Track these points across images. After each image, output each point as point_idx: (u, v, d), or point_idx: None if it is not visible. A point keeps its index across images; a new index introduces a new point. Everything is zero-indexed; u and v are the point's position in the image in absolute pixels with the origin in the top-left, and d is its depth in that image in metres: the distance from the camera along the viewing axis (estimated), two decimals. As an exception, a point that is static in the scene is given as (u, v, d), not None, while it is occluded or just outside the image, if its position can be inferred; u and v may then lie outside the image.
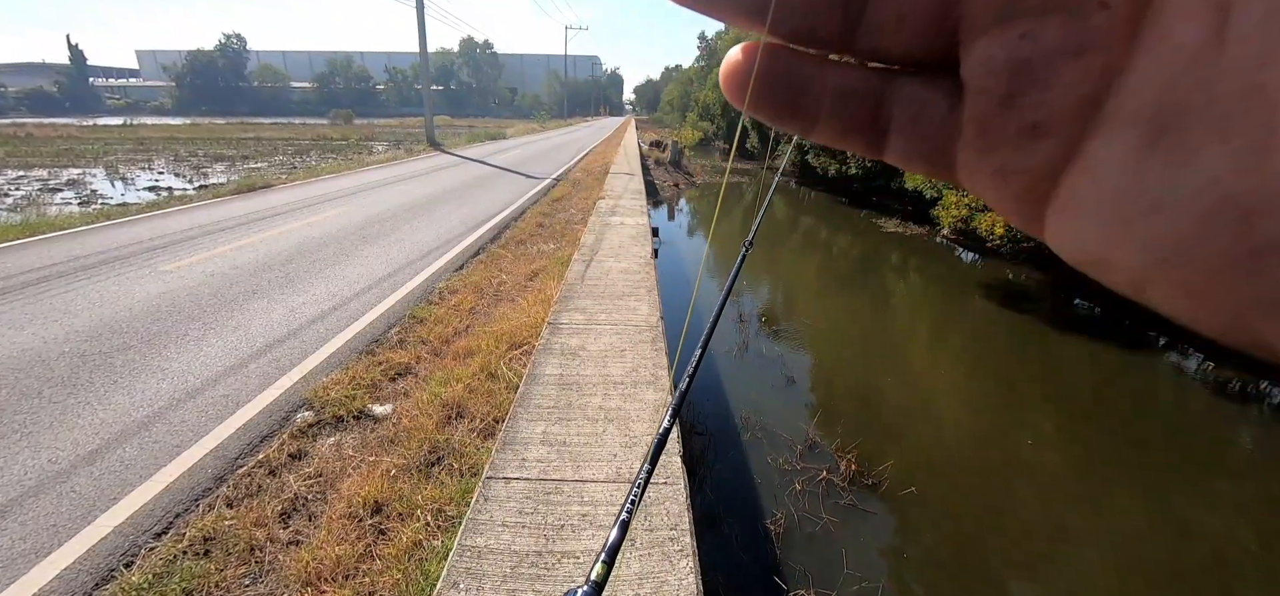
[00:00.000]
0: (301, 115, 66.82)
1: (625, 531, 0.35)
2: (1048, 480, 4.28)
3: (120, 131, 31.75)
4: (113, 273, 5.72)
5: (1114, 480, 4.29)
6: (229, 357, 4.05)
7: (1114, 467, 4.45)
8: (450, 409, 3.42)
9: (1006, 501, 4.02)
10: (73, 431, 3.12)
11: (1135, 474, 4.36)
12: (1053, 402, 5.49)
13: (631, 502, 0.36)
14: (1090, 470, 4.43)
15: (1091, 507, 3.95)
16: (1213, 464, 4.52)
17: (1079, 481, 4.29)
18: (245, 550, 2.42)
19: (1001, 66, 0.15)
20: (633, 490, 0.37)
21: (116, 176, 15.42)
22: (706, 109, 38.92)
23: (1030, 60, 0.14)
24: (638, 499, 0.36)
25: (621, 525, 0.35)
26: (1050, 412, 5.29)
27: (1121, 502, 4.00)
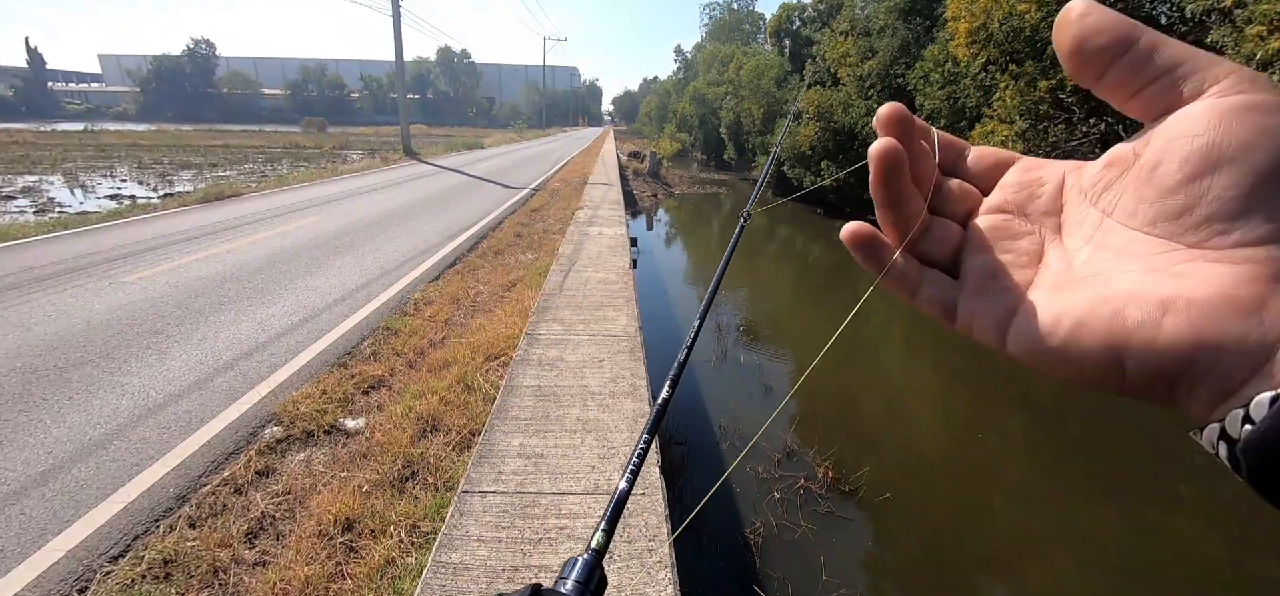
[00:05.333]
0: (273, 123, 65.41)
1: (625, 500, 0.36)
2: (1021, 483, 4.39)
3: (80, 137, 30.58)
4: (70, 284, 5.49)
5: (1086, 482, 4.42)
6: (193, 372, 3.92)
7: (1086, 469, 4.59)
8: (425, 422, 3.36)
9: (981, 504, 4.11)
10: (24, 451, 2.97)
11: (1107, 475, 4.50)
12: (1025, 406, 5.64)
13: (632, 470, 0.37)
14: (1063, 472, 4.56)
15: (1064, 509, 4.05)
16: (1183, 465, 4.68)
17: (1052, 483, 4.41)
18: (208, 572, 2.33)
19: (981, 270, 0.30)
20: (632, 458, 0.38)
21: (76, 184, 14.84)
22: (684, 120, 39.30)
23: (997, 270, 0.30)
24: (638, 466, 0.37)
25: (621, 493, 0.36)
26: (1023, 416, 5.44)
27: (1093, 504, 4.12)
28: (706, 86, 34.73)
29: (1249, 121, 0.23)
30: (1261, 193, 0.22)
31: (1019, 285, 0.28)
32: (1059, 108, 7.84)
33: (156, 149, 25.47)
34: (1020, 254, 0.29)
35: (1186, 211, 0.24)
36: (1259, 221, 0.22)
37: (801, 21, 21.04)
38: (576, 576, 0.32)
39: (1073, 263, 0.27)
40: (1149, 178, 0.25)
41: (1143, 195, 0.25)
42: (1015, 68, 8.08)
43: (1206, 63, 0.24)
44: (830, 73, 15.29)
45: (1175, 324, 0.22)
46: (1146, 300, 0.23)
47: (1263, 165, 0.22)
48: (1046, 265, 0.28)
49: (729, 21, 50.55)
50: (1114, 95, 0.26)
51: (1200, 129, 0.23)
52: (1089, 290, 0.25)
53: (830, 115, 14.72)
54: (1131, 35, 0.25)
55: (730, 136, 28.11)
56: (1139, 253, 0.25)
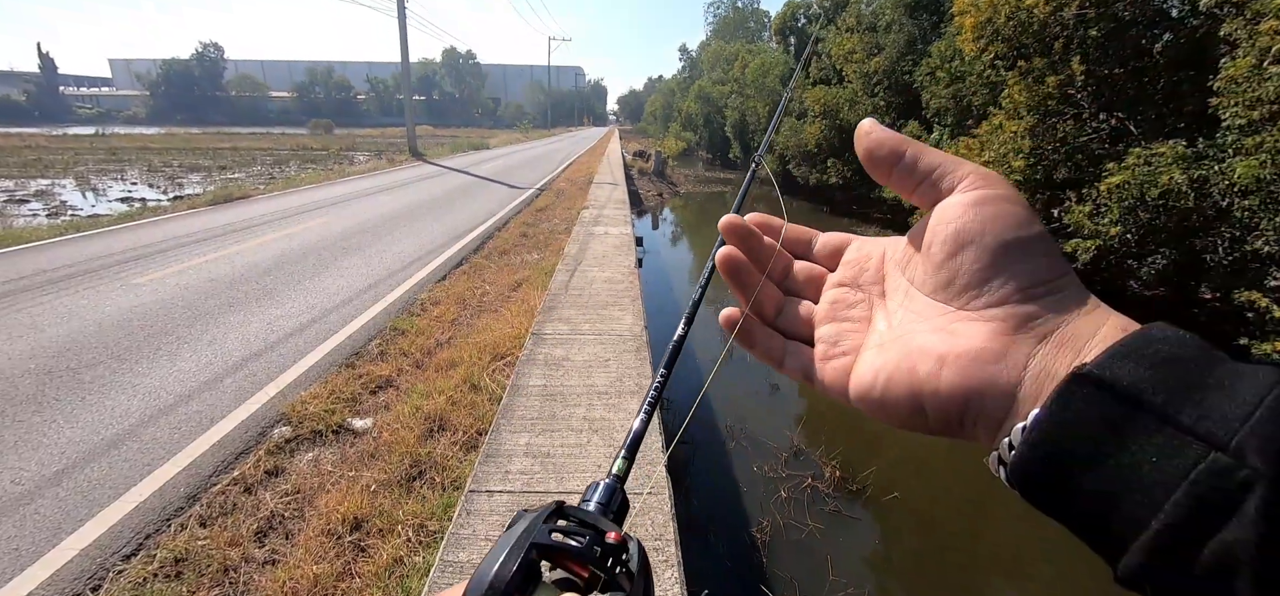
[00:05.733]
0: (280, 125, 65.83)
1: (646, 427, 0.38)
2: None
3: (92, 141, 30.95)
4: (82, 286, 5.56)
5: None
6: (203, 373, 3.96)
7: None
8: (432, 422, 3.38)
9: (990, 503, 4.08)
10: (38, 450, 3.01)
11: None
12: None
13: (651, 399, 0.38)
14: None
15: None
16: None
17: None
18: (219, 571, 2.36)
19: (826, 338, 0.36)
20: (651, 388, 0.39)
21: (87, 187, 15.02)
22: (689, 119, 39.24)
23: (837, 337, 0.35)
24: (658, 394, 0.39)
25: (643, 420, 0.38)
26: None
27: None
28: (711, 85, 34.66)
29: (983, 211, 0.29)
30: (996, 264, 0.28)
31: (854, 348, 0.34)
32: (1068, 103, 7.76)
33: (166, 152, 25.73)
34: (855, 321, 0.35)
35: (952, 282, 0.30)
36: (997, 286, 0.28)
37: (807, 18, 20.95)
38: (599, 497, 0.34)
39: (891, 323, 0.33)
40: (927, 256, 0.31)
41: (925, 269, 0.32)
42: (1023, 63, 8.00)
43: (954, 166, 0.31)
44: (835, 70, 15.20)
45: (950, 375, 0.28)
46: (930, 356, 0.29)
47: (994, 244, 0.29)
48: (874, 327, 0.34)
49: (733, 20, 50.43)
50: (901, 191, 0.33)
51: (951, 217, 0.30)
52: (897, 348, 0.31)
53: (836, 113, 14.65)
54: (901, 149, 0.32)
55: (735, 135, 28.04)
56: (929, 314, 0.31)
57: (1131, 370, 0.23)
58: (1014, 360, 0.26)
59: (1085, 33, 7.23)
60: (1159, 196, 5.96)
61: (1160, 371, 0.22)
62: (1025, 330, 0.27)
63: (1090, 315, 0.27)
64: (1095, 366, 0.23)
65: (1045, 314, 0.27)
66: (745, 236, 0.38)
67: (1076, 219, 6.93)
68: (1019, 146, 7.85)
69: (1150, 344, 0.23)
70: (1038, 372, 0.26)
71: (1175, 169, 5.84)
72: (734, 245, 0.38)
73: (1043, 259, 0.28)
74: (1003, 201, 0.29)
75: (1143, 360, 0.23)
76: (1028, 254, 0.28)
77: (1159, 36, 7.26)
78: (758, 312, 0.38)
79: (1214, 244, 5.94)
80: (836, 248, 0.39)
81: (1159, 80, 7.21)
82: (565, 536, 0.30)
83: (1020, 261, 0.28)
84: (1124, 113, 7.40)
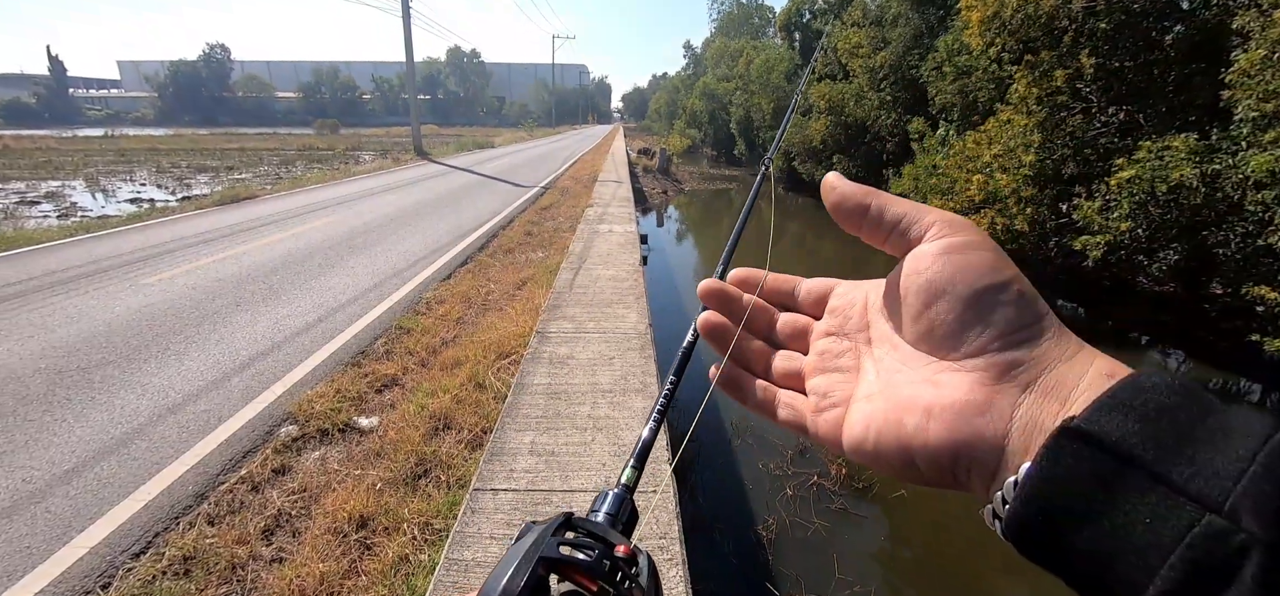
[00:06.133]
0: (287, 125, 66.17)
1: (655, 436, 0.37)
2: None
3: (101, 143, 31.24)
4: (92, 286, 5.61)
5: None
6: (211, 372, 3.98)
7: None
8: (437, 420, 3.39)
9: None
10: (48, 449, 3.04)
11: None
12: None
13: (660, 408, 0.38)
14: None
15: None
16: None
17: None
18: (226, 568, 2.37)
19: (817, 390, 0.35)
20: (660, 397, 0.39)
21: (97, 188, 15.17)
22: (694, 116, 39.15)
23: (828, 389, 0.34)
24: (666, 403, 0.39)
25: (651, 429, 0.37)
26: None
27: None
28: (716, 82, 34.56)
29: (952, 260, 0.29)
30: (971, 313, 0.28)
31: (845, 399, 0.33)
32: (1077, 97, 7.68)
33: (174, 153, 25.94)
34: (844, 371, 0.35)
35: (931, 332, 0.30)
36: (975, 336, 0.28)
37: (812, 14, 20.82)
38: (608, 507, 0.33)
39: (878, 371, 0.33)
40: (905, 306, 0.31)
41: (904, 319, 0.31)
42: (1030, 56, 7.92)
43: (919, 214, 0.31)
44: (841, 65, 15.12)
45: (937, 428, 0.27)
46: (917, 408, 0.28)
47: (966, 293, 0.28)
48: (863, 375, 0.34)
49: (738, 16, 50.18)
50: (871, 240, 0.33)
51: (922, 268, 0.30)
52: (884, 400, 0.31)
53: (842, 109, 14.57)
54: (866, 201, 0.33)
55: (740, 132, 27.95)
56: (914, 362, 0.31)
57: (1120, 423, 0.22)
58: (1000, 411, 0.26)
59: (1094, 25, 7.15)
60: (1170, 191, 5.90)
61: (1150, 425, 0.22)
62: (1008, 379, 0.27)
63: (1073, 361, 0.26)
64: (1083, 420, 0.23)
65: (1027, 361, 0.27)
66: (724, 299, 0.39)
67: (1086, 214, 6.86)
68: (1028, 140, 7.78)
69: (1139, 394, 0.23)
70: (1025, 424, 0.25)
71: (1187, 164, 5.77)
72: (715, 308, 0.38)
73: (1018, 304, 0.28)
74: (971, 249, 0.29)
75: (1132, 412, 0.22)
76: (1002, 301, 0.28)
77: (1170, 28, 7.16)
78: (748, 368, 0.38)
79: (1226, 238, 5.86)
80: (820, 295, 0.39)
81: (1170, 73, 7.11)
82: (574, 549, 0.29)
83: (995, 309, 0.28)
84: (1134, 106, 7.32)
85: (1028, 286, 0.29)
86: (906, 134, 11.77)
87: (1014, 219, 7.98)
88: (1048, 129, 7.74)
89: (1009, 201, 8.01)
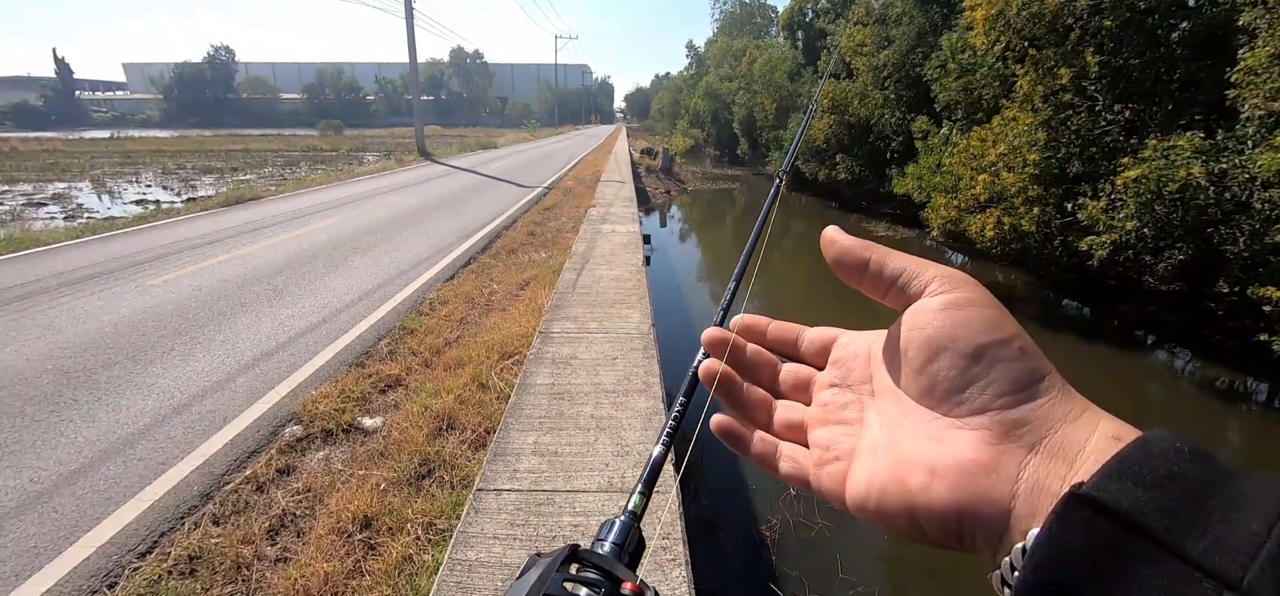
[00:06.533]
0: (291, 126, 66.38)
1: (661, 465, 0.37)
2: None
3: (107, 144, 31.41)
4: (98, 288, 5.64)
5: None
6: (216, 372, 4.00)
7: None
8: (441, 420, 3.39)
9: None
10: (55, 450, 3.06)
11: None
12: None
13: (669, 432, 0.38)
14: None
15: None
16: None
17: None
18: (231, 568, 2.38)
19: (820, 444, 0.34)
20: (669, 420, 0.38)
21: (103, 190, 15.27)
22: (697, 116, 39.14)
23: (830, 442, 0.34)
24: (675, 427, 0.38)
25: (656, 458, 0.37)
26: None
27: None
28: (719, 82, 34.53)
29: (951, 316, 0.29)
30: (970, 371, 0.28)
31: (848, 452, 0.33)
32: (1082, 96, 7.64)
33: (180, 154, 26.08)
34: (848, 423, 0.34)
35: (933, 388, 0.29)
36: (977, 393, 0.28)
37: (815, 13, 20.78)
38: (614, 537, 0.32)
39: (883, 423, 0.32)
40: (906, 360, 0.31)
41: (906, 373, 0.31)
42: (1035, 54, 7.88)
43: (919, 269, 0.31)
44: (845, 63, 15.08)
45: (941, 488, 0.27)
46: (921, 467, 0.28)
47: (967, 349, 0.28)
48: (867, 427, 0.33)
49: (740, 16, 50.15)
50: (872, 295, 0.33)
51: (922, 323, 0.30)
52: (888, 454, 0.30)
53: (845, 108, 14.53)
54: (865, 255, 0.33)
55: (743, 131, 27.92)
56: (918, 417, 0.30)
57: (1130, 492, 0.22)
58: (1005, 472, 0.26)
59: (1099, 23, 7.12)
60: (1176, 191, 5.86)
61: (1161, 493, 0.21)
62: (1013, 439, 0.26)
63: (1078, 422, 0.26)
64: (1092, 487, 0.22)
65: (1031, 420, 0.26)
66: (727, 349, 0.38)
67: (1091, 214, 6.83)
68: (1034, 138, 7.74)
69: (1148, 460, 0.22)
70: (1031, 487, 0.25)
71: (1193, 163, 5.73)
72: (717, 355, 0.38)
73: (1020, 362, 0.27)
74: (972, 305, 0.29)
75: (1142, 480, 0.22)
76: (1003, 357, 0.28)
77: (1176, 26, 7.12)
78: (749, 417, 0.38)
79: (1233, 237, 5.82)
80: (824, 345, 0.38)
81: (1176, 71, 7.08)
82: (579, 585, 0.29)
83: (996, 365, 0.27)
84: (1139, 104, 7.28)
85: (1029, 343, 0.28)
86: (910, 133, 11.74)
87: (1021, 218, 7.94)
88: (1053, 127, 7.70)
89: (1015, 201, 7.97)
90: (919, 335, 0.30)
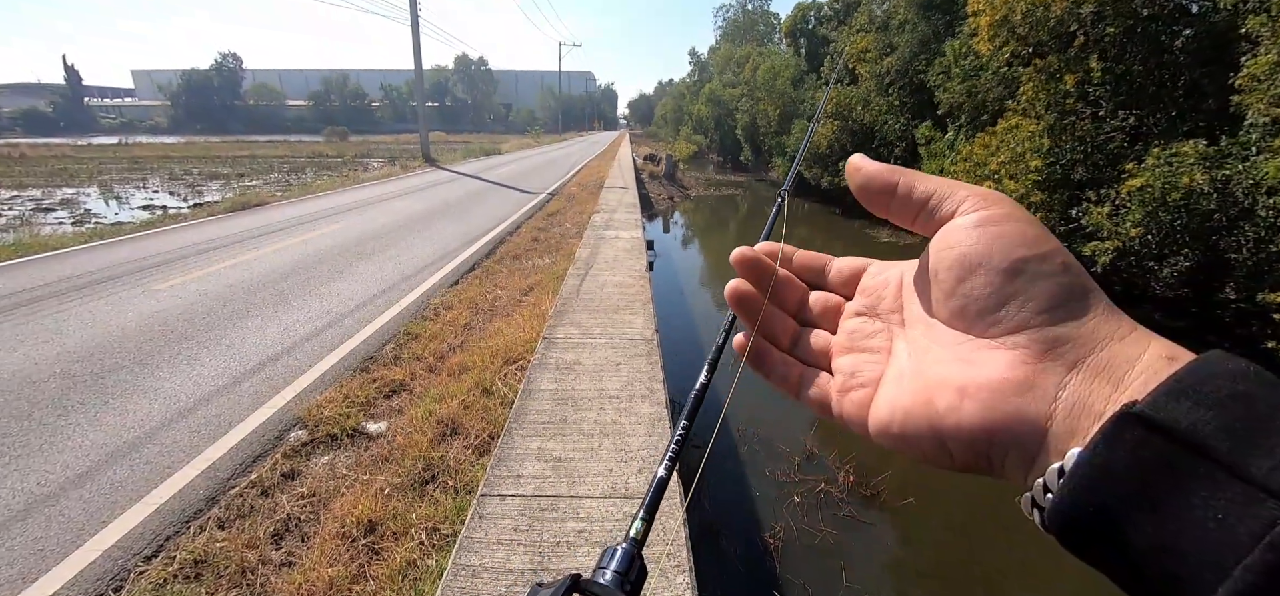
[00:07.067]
0: (297, 133, 66.80)
1: (664, 488, 0.35)
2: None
3: (115, 150, 31.70)
4: (105, 292, 5.69)
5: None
6: (222, 376, 4.02)
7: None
8: (445, 425, 3.40)
9: (1008, 508, 4.01)
10: (62, 453, 3.08)
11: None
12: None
13: (670, 458, 0.36)
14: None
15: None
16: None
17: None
18: (237, 572, 2.39)
19: (844, 370, 0.34)
20: (670, 445, 0.37)
21: (110, 195, 15.39)
22: (700, 122, 39.23)
23: (855, 369, 0.33)
24: (676, 453, 0.36)
25: (660, 480, 0.35)
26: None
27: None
28: (722, 88, 34.63)
29: (985, 233, 0.28)
30: (1007, 287, 0.27)
31: (873, 379, 0.32)
32: (1085, 101, 7.64)
33: (187, 160, 26.27)
34: (875, 351, 0.34)
35: (965, 309, 0.28)
36: (1013, 310, 0.26)
37: (817, 20, 20.85)
38: (615, 566, 0.31)
39: (912, 352, 0.31)
40: (937, 283, 0.30)
41: (938, 297, 0.30)
42: (1039, 61, 7.89)
43: (950, 189, 0.30)
44: (848, 69, 15.12)
45: (971, 408, 0.26)
46: (949, 387, 0.27)
47: (1000, 265, 0.27)
48: (894, 356, 0.33)
49: (743, 23, 50.30)
50: (901, 221, 0.32)
51: (955, 242, 0.29)
52: (915, 380, 0.30)
53: (849, 113, 14.56)
54: (893, 179, 0.32)
55: (746, 138, 27.97)
56: (948, 342, 0.29)
57: (1190, 411, 0.20)
58: (1043, 391, 0.24)
59: (1103, 29, 7.13)
60: (1181, 198, 5.85)
61: (1223, 412, 0.20)
62: (1052, 356, 0.25)
63: (1127, 341, 0.24)
64: (1147, 405, 0.21)
65: (1073, 338, 0.25)
66: (756, 268, 0.37)
67: (1095, 220, 6.81)
68: (1037, 144, 7.74)
69: (1209, 379, 0.21)
70: (1072, 406, 0.24)
71: (1197, 170, 5.72)
72: (745, 276, 0.37)
73: (1061, 278, 0.26)
74: (1007, 220, 0.28)
75: (1203, 399, 0.20)
76: (1043, 273, 0.26)
77: (1179, 33, 7.12)
78: (772, 341, 0.37)
79: (1238, 243, 5.80)
80: (853, 274, 0.37)
81: (1180, 77, 7.07)
82: None
83: (1035, 281, 0.26)
84: (1143, 110, 7.27)
85: (1072, 259, 0.27)
86: (914, 139, 11.74)
87: (1022, 224, 7.92)
88: (1056, 133, 7.70)
89: (1017, 207, 7.96)
90: (951, 254, 0.29)
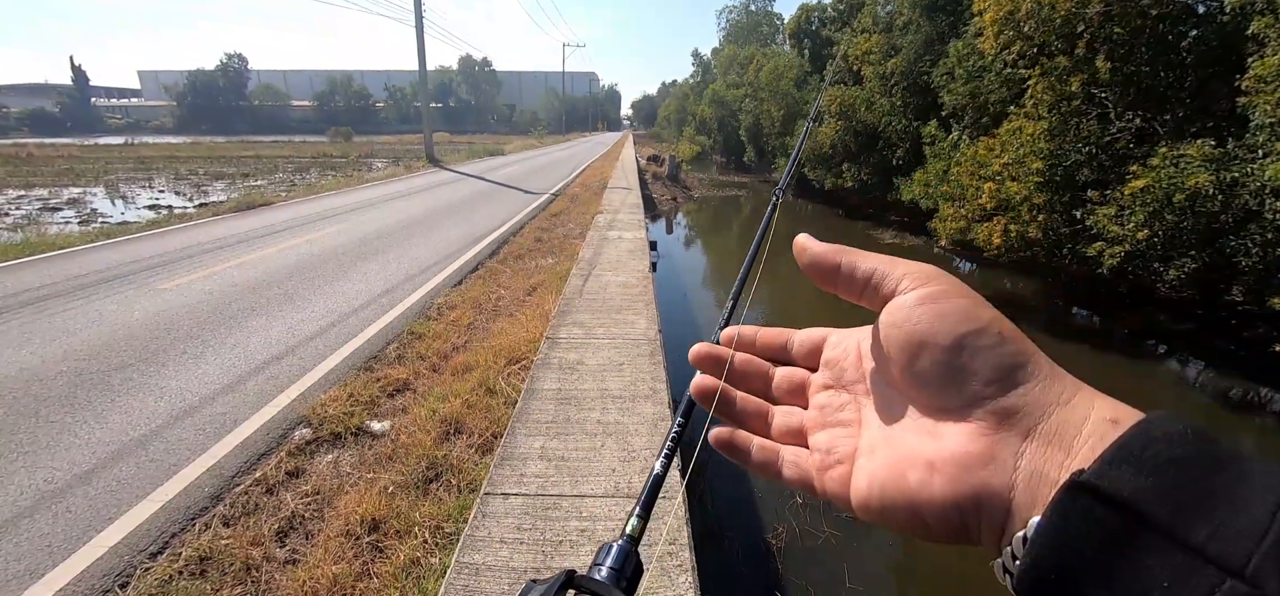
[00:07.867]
0: (301, 133, 67.02)
1: (660, 485, 0.35)
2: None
3: (121, 150, 31.90)
4: (112, 291, 5.72)
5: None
6: (227, 375, 4.04)
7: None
8: (448, 424, 3.41)
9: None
10: (70, 451, 3.10)
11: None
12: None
13: (666, 454, 0.36)
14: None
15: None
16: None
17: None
18: (241, 569, 2.40)
19: (820, 447, 0.34)
20: (666, 441, 0.37)
21: (117, 195, 15.48)
22: (703, 123, 39.20)
23: (830, 445, 0.33)
24: (672, 450, 0.37)
25: (656, 476, 0.36)
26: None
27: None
28: (725, 89, 34.59)
29: (928, 310, 0.29)
30: (954, 362, 0.28)
31: (849, 454, 0.33)
32: (1092, 102, 7.61)
33: (192, 160, 26.42)
34: (846, 424, 0.34)
35: (921, 385, 0.29)
36: (963, 384, 0.27)
37: (821, 22, 20.82)
38: (611, 562, 0.31)
39: (880, 421, 0.32)
40: (893, 360, 0.31)
41: (895, 371, 0.31)
42: (1045, 61, 7.86)
43: (889, 268, 0.31)
44: (852, 70, 15.09)
45: (941, 482, 0.27)
46: (919, 463, 0.28)
47: (944, 343, 0.28)
48: (866, 427, 0.33)
49: (746, 24, 50.29)
50: (847, 296, 0.33)
51: (899, 321, 0.30)
52: (887, 452, 0.30)
53: (852, 114, 14.53)
54: (836, 259, 0.33)
55: (750, 138, 27.94)
56: (912, 412, 0.30)
57: (1131, 478, 0.21)
58: (1002, 462, 0.26)
59: (1110, 29, 7.10)
60: (1186, 199, 5.82)
61: (1162, 479, 0.21)
62: (1006, 427, 0.26)
63: (1072, 405, 0.25)
64: (1093, 474, 0.22)
65: (1022, 406, 0.26)
66: (717, 362, 0.38)
67: (1100, 221, 6.78)
68: (1038, 148, 7.71)
69: (1149, 445, 0.22)
70: (1029, 475, 0.25)
71: (1202, 172, 5.69)
72: (708, 372, 0.38)
73: (1001, 348, 0.27)
74: (945, 297, 0.29)
75: (1143, 465, 0.21)
76: (983, 346, 0.27)
77: (1186, 33, 7.09)
78: (748, 428, 0.37)
79: (1245, 246, 5.77)
80: (814, 346, 0.38)
81: (1187, 78, 7.04)
82: None
83: (977, 355, 0.27)
84: (1150, 111, 7.23)
85: (1008, 327, 0.28)
86: (918, 140, 11.71)
87: (1027, 226, 7.90)
88: (1061, 134, 7.67)
89: (1021, 209, 7.93)
90: (897, 333, 0.30)
